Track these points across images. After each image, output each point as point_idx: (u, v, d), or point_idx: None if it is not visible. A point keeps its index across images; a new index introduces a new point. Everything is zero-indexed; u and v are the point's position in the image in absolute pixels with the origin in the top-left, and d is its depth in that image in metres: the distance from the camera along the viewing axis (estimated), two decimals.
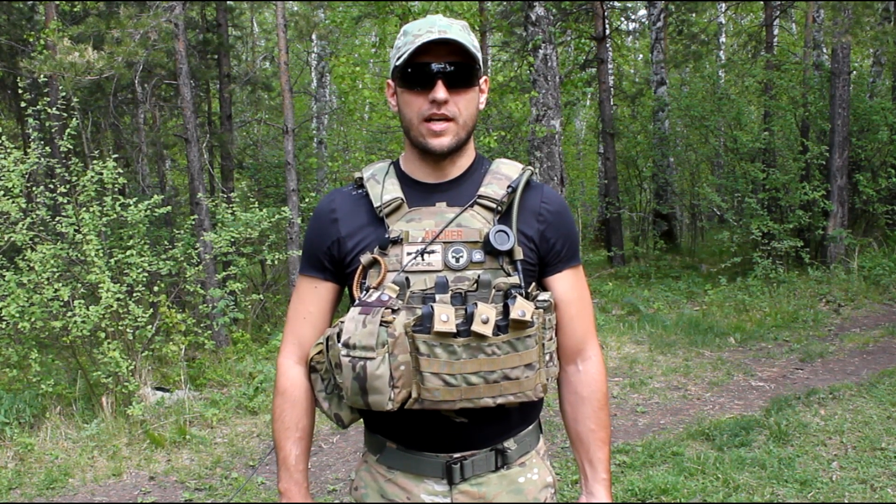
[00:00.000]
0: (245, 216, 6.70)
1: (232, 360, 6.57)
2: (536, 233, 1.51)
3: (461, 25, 1.48)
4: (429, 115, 1.45)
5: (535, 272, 1.52)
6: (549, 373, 1.49)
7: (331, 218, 1.56)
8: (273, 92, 13.90)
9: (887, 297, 8.34)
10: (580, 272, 1.60)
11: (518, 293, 1.41)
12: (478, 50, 1.49)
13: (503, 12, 13.40)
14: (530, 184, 1.55)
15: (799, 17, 16.89)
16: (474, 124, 1.52)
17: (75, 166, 5.87)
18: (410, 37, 1.45)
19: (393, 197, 1.50)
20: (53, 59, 7.20)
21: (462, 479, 1.50)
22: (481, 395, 1.40)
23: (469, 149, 1.56)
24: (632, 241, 13.29)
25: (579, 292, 1.58)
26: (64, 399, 5.50)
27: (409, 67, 1.45)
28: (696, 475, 3.93)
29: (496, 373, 1.40)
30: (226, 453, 4.79)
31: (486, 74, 1.56)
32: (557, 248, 1.53)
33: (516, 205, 1.49)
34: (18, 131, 12.41)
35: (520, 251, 1.46)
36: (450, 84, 1.44)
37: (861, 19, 9.41)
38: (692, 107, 11.38)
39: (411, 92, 1.46)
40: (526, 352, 1.41)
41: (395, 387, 1.38)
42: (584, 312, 1.59)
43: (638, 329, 7.55)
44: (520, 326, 1.39)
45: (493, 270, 1.44)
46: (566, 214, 1.58)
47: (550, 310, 1.48)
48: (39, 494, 4.28)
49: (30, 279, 5.35)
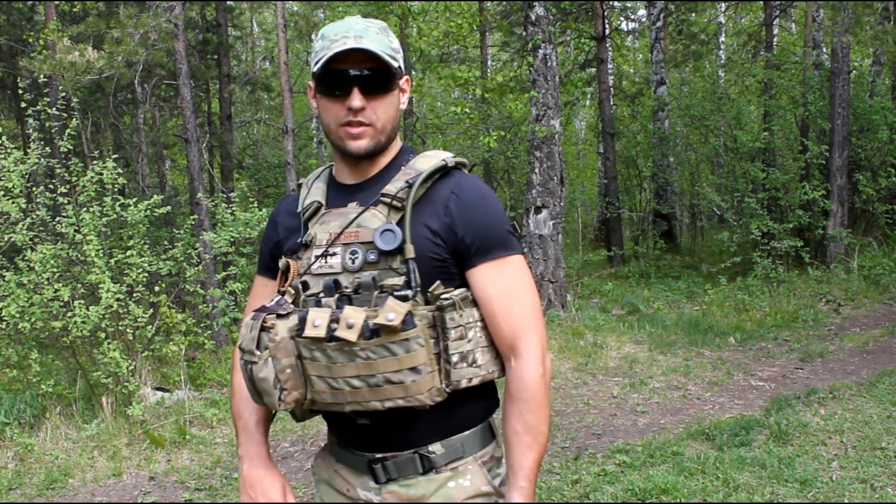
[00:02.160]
0: (245, 216, 6.70)
1: (232, 360, 6.56)
2: (442, 226, 1.44)
3: (378, 28, 1.48)
4: (346, 121, 1.45)
5: (445, 268, 1.44)
6: (461, 374, 1.42)
7: (274, 221, 1.65)
8: (273, 92, 13.91)
9: (887, 296, 8.34)
10: (507, 264, 1.46)
11: (400, 294, 1.36)
12: (397, 52, 1.49)
13: (503, 12, 13.40)
14: (447, 174, 1.49)
15: (799, 17, 16.89)
16: (395, 126, 1.51)
17: (75, 166, 5.87)
18: (327, 41, 1.44)
19: (312, 200, 1.54)
20: (53, 59, 7.20)
21: (388, 479, 1.49)
22: (367, 398, 1.40)
23: (391, 148, 1.54)
24: (632, 241, 13.29)
25: (503, 287, 1.45)
26: (64, 399, 5.50)
27: (326, 74, 1.45)
28: (696, 475, 3.93)
29: (376, 377, 1.37)
30: (226, 453, 4.79)
31: (406, 74, 1.54)
32: (467, 243, 1.44)
33: (411, 198, 1.42)
34: (18, 131, 12.41)
35: (411, 249, 1.39)
36: (366, 90, 1.44)
37: (861, 19, 9.41)
38: (692, 106, 11.38)
39: (328, 98, 1.46)
40: (407, 355, 1.35)
41: (283, 389, 1.42)
42: (512, 307, 1.45)
43: (638, 329, 7.55)
44: (389, 331, 1.33)
45: (384, 270, 1.41)
46: (480, 204, 1.46)
47: (455, 307, 1.41)
48: (39, 495, 4.28)
49: (30, 279, 5.35)
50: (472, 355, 1.44)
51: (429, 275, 1.42)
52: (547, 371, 1.47)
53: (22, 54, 9.96)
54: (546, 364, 1.47)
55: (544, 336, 1.49)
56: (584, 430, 4.90)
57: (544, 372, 1.46)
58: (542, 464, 4.30)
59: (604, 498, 3.76)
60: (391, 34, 1.51)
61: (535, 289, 1.51)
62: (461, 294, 1.43)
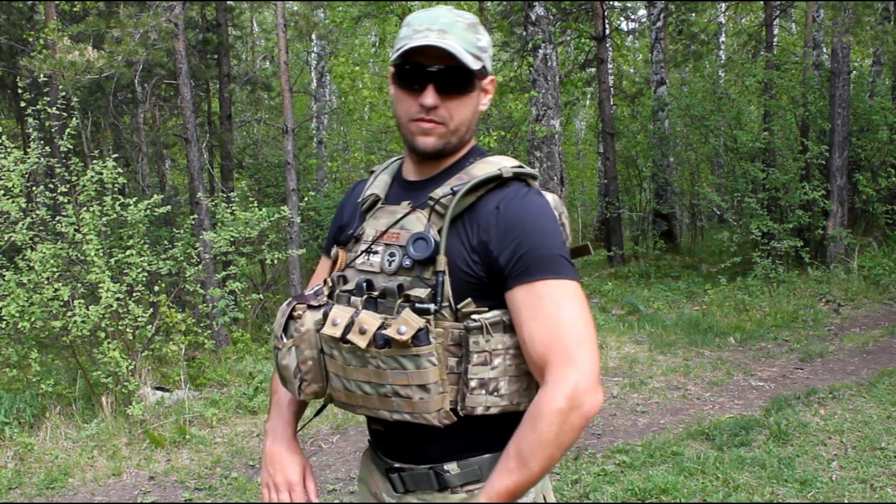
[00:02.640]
0: (245, 216, 6.70)
1: (232, 359, 6.57)
2: (480, 242, 1.34)
3: (466, 24, 1.39)
4: (417, 116, 1.39)
5: (480, 286, 1.35)
6: (477, 401, 1.33)
7: (343, 204, 1.63)
8: (273, 92, 13.89)
9: (887, 296, 8.34)
10: (549, 288, 1.31)
11: (421, 307, 1.30)
12: (483, 50, 1.41)
13: (503, 12, 13.39)
14: (503, 185, 1.38)
15: (799, 17, 16.89)
16: (470, 128, 1.44)
17: (75, 166, 5.87)
18: (411, 31, 1.39)
19: (371, 193, 1.50)
20: (53, 59, 7.20)
21: (406, 489, 1.44)
22: (377, 406, 1.37)
23: (461, 149, 1.47)
24: (632, 241, 13.29)
25: (537, 313, 1.30)
26: (64, 399, 5.49)
27: (403, 65, 1.39)
28: (695, 475, 3.93)
29: (386, 387, 1.33)
30: (226, 453, 4.79)
31: (491, 74, 1.47)
32: (501, 263, 1.32)
33: (451, 207, 1.34)
34: (18, 131, 12.40)
35: (442, 261, 1.32)
36: (442, 88, 1.37)
37: (861, 19, 9.41)
38: (692, 106, 11.37)
39: (403, 90, 1.41)
40: (416, 371, 1.30)
41: (303, 379, 1.43)
42: (546, 334, 1.29)
43: (638, 329, 7.55)
44: (398, 344, 1.28)
45: (415, 279, 1.35)
46: (523, 222, 1.34)
47: (482, 331, 1.32)
48: (39, 494, 4.28)
49: (30, 279, 5.35)
50: (496, 383, 1.34)
51: (462, 291, 1.34)
52: (574, 409, 1.26)
53: (22, 53, 9.95)
54: (576, 401, 1.26)
55: (588, 372, 1.28)
56: (583, 429, 4.90)
57: (568, 409, 1.26)
58: None
59: (603, 498, 3.76)
60: (481, 31, 1.43)
61: (587, 319, 1.32)
62: (493, 317, 1.33)
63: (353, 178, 13.68)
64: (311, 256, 10.94)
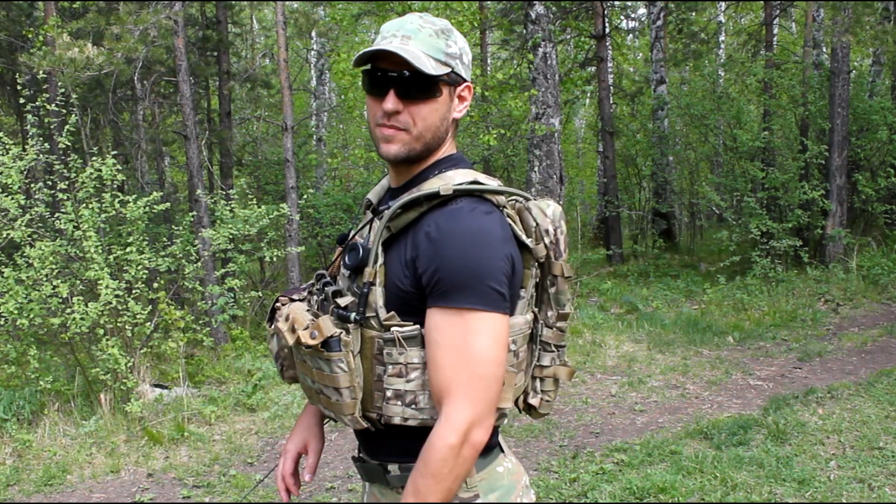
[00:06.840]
0: (244, 213, 6.70)
1: (230, 357, 6.57)
2: (411, 259, 1.33)
3: (434, 31, 1.39)
4: (380, 122, 1.39)
5: (409, 301, 1.34)
6: (394, 412, 1.35)
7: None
8: (272, 89, 13.89)
9: (886, 296, 8.34)
10: (463, 317, 1.28)
11: (342, 314, 1.35)
12: (453, 56, 1.39)
13: (503, 10, 13.38)
14: (449, 201, 1.34)
15: (799, 17, 16.88)
16: (437, 134, 1.41)
17: (74, 163, 5.87)
18: (379, 37, 1.39)
19: (367, 198, 1.57)
20: (52, 55, 7.19)
21: (369, 480, 1.52)
22: (315, 399, 1.46)
23: (432, 157, 1.44)
24: (631, 240, 13.29)
25: (446, 338, 1.29)
26: (62, 396, 5.49)
27: (370, 71, 1.39)
28: (694, 474, 3.93)
29: (316, 384, 1.41)
30: (224, 450, 4.79)
31: (466, 81, 1.43)
32: (424, 282, 1.31)
33: (383, 221, 1.36)
34: (17, 127, 12.40)
35: (369, 272, 1.35)
36: (403, 93, 1.36)
37: (861, 18, 9.40)
38: (692, 105, 11.38)
39: (370, 95, 1.41)
40: (329, 375, 1.35)
41: (282, 364, 1.55)
42: (448, 364, 1.28)
43: (636, 328, 7.56)
44: (310, 347, 1.35)
45: (350, 287, 1.43)
46: (450, 245, 1.29)
47: (395, 344, 1.33)
48: (37, 491, 4.28)
49: (28, 276, 5.34)
50: (413, 396, 1.35)
51: (395, 304, 1.35)
52: (466, 444, 1.27)
53: (21, 50, 9.95)
54: (468, 436, 1.27)
55: (481, 409, 1.28)
56: (582, 428, 4.91)
57: (460, 444, 1.26)
58: (541, 462, 4.32)
59: (602, 496, 3.77)
60: (453, 37, 1.41)
61: (495, 357, 1.31)
62: (409, 332, 1.33)
63: (353, 175, 13.67)
64: (310, 254, 10.93)
